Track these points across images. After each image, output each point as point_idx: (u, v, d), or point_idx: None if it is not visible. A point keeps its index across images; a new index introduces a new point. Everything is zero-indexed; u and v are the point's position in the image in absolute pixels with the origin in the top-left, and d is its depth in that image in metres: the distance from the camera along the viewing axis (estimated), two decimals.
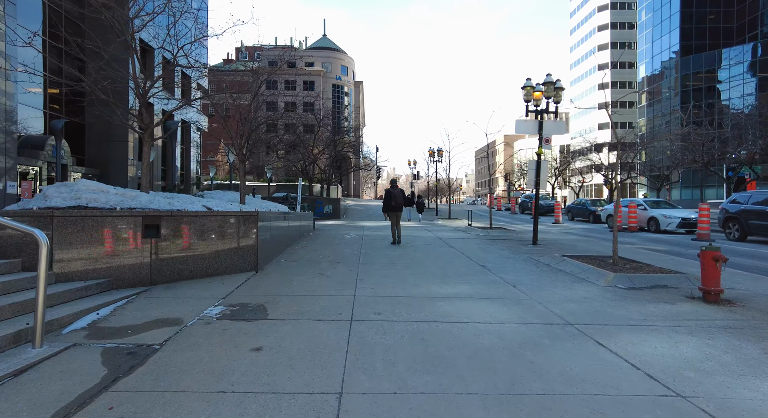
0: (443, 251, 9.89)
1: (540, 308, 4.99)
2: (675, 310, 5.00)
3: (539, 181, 11.59)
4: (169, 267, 5.75)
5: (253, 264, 6.64)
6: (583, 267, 7.45)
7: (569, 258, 8.30)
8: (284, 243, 9.22)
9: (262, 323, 4.19)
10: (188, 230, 6.01)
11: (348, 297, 5.26)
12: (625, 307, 5.10)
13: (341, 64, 67.13)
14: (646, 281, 6.57)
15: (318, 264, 7.56)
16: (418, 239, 12.17)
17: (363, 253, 9.13)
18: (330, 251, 9.19)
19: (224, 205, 7.57)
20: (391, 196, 11.11)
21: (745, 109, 33.45)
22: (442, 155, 27.42)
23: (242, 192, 9.88)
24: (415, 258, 8.58)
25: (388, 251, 9.53)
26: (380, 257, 8.66)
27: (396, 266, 7.55)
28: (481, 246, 10.90)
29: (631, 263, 7.95)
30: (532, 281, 6.56)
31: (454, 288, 5.92)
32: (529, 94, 11.82)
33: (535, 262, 8.49)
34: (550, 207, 27.74)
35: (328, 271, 6.95)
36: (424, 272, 7.10)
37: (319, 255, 8.61)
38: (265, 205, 10.96)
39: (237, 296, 5.20)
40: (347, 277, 6.52)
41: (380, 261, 8.08)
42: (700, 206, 13.57)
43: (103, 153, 22.09)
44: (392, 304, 4.98)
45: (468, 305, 5.02)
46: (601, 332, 4.12)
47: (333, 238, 11.91)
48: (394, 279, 6.43)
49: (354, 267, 7.33)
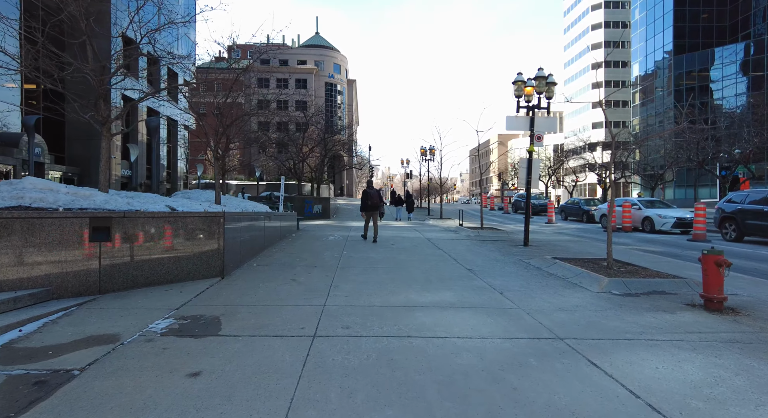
0: (429, 253, 9.41)
1: (528, 319, 4.52)
2: (675, 320, 4.55)
3: (530, 180, 11.15)
4: (122, 274, 5.21)
5: (219, 269, 6.12)
6: (576, 271, 7.01)
7: (561, 261, 7.86)
8: (260, 245, 8.70)
9: (211, 340, 3.67)
10: (145, 233, 5.47)
11: (316, 308, 4.75)
12: (621, 317, 4.65)
13: (334, 62, 66.49)
14: (643, 286, 6.13)
15: (292, 269, 7.04)
16: (404, 241, 11.69)
17: (344, 256, 8.63)
18: (309, 254, 8.67)
19: (192, 206, 7.04)
20: (367, 196, 11.63)
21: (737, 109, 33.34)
22: (434, 154, 26.97)
23: (217, 191, 9.34)
24: (399, 261, 8.09)
25: (371, 254, 9.04)
26: (362, 260, 8.16)
27: (377, 271, 7.05)
28: (469, 248, 10.44)
29: (627, 266, 7.51)
30: (521, 287, 6.09)
31: (435, 296, 5.44)
32: (520, 89, 11.37)
33: (525, 265, 8.03)
34: (543, 206, 27.37)
35: (301, 276, 6.44)
36: (405, 277, 6.61)
37: (296, 258, 8.09)
38: (243, 205, 10.43)
39: (192, 307, 4.68)
40: (321, 283, 6.01)
41: (361, 265, 7.58)
42: (696, 206, 13.20)
43: (85, 151, 21.36)
44: (364, 315, 4.49)
45: (448, 316, 4.53)
46: (595, 349, 3.65)
47: (316, 239, 11.39)
48: (372, 286, 5.94)
49: (331, 272, 6.82)
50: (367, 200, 11.59)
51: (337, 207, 30.47)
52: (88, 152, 21.49)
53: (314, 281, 6.16)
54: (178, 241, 5.79)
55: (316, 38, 69.64)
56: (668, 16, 48.10)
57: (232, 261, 6.60)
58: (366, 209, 11.65)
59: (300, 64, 64.22)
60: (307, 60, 64.55)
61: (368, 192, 11.65)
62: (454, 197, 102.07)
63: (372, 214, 11.61)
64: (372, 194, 11.60)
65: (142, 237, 5.45)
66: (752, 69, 40.61)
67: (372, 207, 11.57)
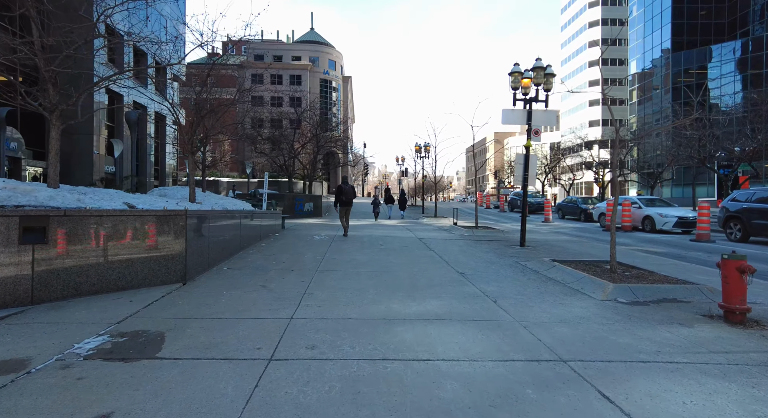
0: (420, 254, 8.79)
1: (525, 334, 3.91)
2: (694, 336, 3.95)
3: (527, 177, 10.54)
4: (62, 281, 4.55)
5: (180, 274, 5.47)
6: (577, 275, 6.41)
7: (561, 264, 7.26)
8: (236, 246, 8.04)
9: (143, 366, 3.03)
10: (93, 234, 4.81)
11: (282, 321, 4.12)
12: (632, 332, 4.04)
13: (329, 58, 65.66)
14: (652, 293, 5.54)
15: (266, 273, 6.40)
16: (395, 241, 11.06)
17: (327, 258, 7.99)
18: (288, 256, 8.02)
19: (156, 203, 6.38)
20: (342, 191, 12.16)
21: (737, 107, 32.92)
22: (429, 151, 26.33)
23: (191, 188, 8.68)
24: (385, 264, 7.46)
25: (357, 255, 8.40)
26: (345, 262, 7.52)
27: (359, 275, 6.42)
28: (463, 249, 9.83)
29: (631, 270, 6.93)
30: (517, 294, 5.48)
31: (421, 305, 4.82)
32: (517, 80, 10.76)
33: (522, 268, 7.43)
34: (540, 205, 26.84)
35: (273, 282, 5.80)
36: (390, 282, 5.99)
37: (273, 261, 7.44)
38: (222, 203, 9.77)
39: (137, 320, 4.04)
40: (294, 290, 5.38)
41: (343, 268, 6.95)
42: (699, 205, 12.65)
43: (66, 146, 20.48)
44: (336, 331, 3.86)
45: (434, 331, 3.91)
46: (606, 375, 3.04)
47: (300, 239, 10.74)
48: (351, 293, 5.31)
49: (308, 277, 6.19)
50: (341, 196, 12.07)
51: (330, 205, 29.79)
52: (71, 148, 20.69)
53: (287, 287, 5.52)
54: (132, 242, 5.13)
55: (311, 34, 68.77)
56: (666, 13, 47.63)
57: (197, 264, 5.96)
58: (341, 203, 12.09)
59: (294, 60, 63.37)
60: (302, 56, 63.70)
61: (342, 188, 12.17)
62: (450, 196, 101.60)
63: (346, 209, 12.11)
64: (346, 190, 12.09)
65: (89, 238, 4.79)
66: (750, 66, 40.21)
67: (346, 202, 12.08)
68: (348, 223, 12.10)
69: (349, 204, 12.13)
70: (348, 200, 12.07)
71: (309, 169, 28.60)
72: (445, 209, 30.44)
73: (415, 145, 27.42)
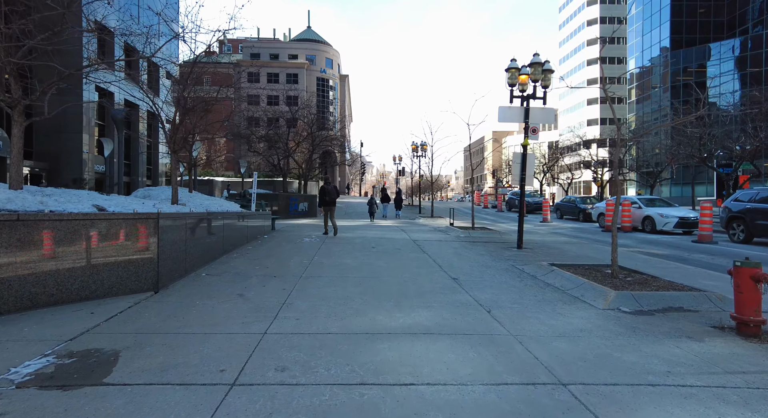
0: (413, 257, 8.42)
1: (520, 351, 3.55)
2: (707, 353, 3.59)
3: (525, 176, 10.19)
4: (14, 292, 4.17)
5: (152, 282, 5.09)
6: (577, 281, 6.05)
7: (559, 268, 6.90)
8: (219, 250, 7.66)
9: (85, 394, 2.66)
10: (52, 239, 4.43)
11: (254, 337, 3.75)
12: (638, 347, 3.69)
13: (326, 56, 65.19)
14: (657, 301, 5.18)
15: (246, 279, 6.02)
16: (388, 243, 10.69)
17: (314, 262, 7.62)
18: (273, 260, 7.64)
19: (129, 205, 6.00)
20: (324, 191, 12.47)
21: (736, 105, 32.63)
22: (426, 150, 25.95)
23: (174, 188, 8.29)
24: (375, 269, 7.09)
25: (346, 259, 8.03)
26: (333, 267, 7.15)
27: (346, 281, 6.05)
28: (458, 251, 9.47)
29: (633, 275, 6.58)
30: (513, 303, 5.12)
31: (409, 316, 4.45)
32: (514, 77, 10.39)
33: (519, 272, 7.07)
34: (538, 205, 26.50)
35: (252, 290, 5.43)
36: (378, 289, 5.62)
37: (256, 266, 7.06)
38: (207, 205, 9.39)
39: (92, 337, 3.66)
40: (273, 299, 5.00)
41: (329, 274, 6.57)
42: (702, 205, 12.32)
43: (54, 145, 20.14)
44: (312, 349, 3.49)
45: (420, 348, 3.55)
46: (610, 403, 2.68)
47: (289, 241, 10.35)
48: (334, 302, 4.94)
49: (291, 284, 5.81)
50: (324, 196, 12.35)
51: None
52: (59, 147, 20.29)
53: (266, 296, 5.15)
54: (98, 248, 4.75)
55: (308, 32, 68.30)
56: (665, 11, 47.30)
57: (173, 271, 5.58)
58: (324, 204, 12.33)
59: (291, 58, 62.90)
60: (299, 54, 63.21)
61: (325, 188, 12.49)
62: (449, 195, 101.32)
63: (329, 209, 12.30)
64: (329, 190, 12.40)
65: (48, 244, 4.41)
66: (750, 65, 39.93)
67: (329, 202, 12.30)
68: (335, 222, 12.30)
69: (332, 204, 12.34)
70: (331, 200, 12.30)
71: (304, 169, 28.19)
72: (443, 209, 30.08)
73: (412, 144, 27.07)
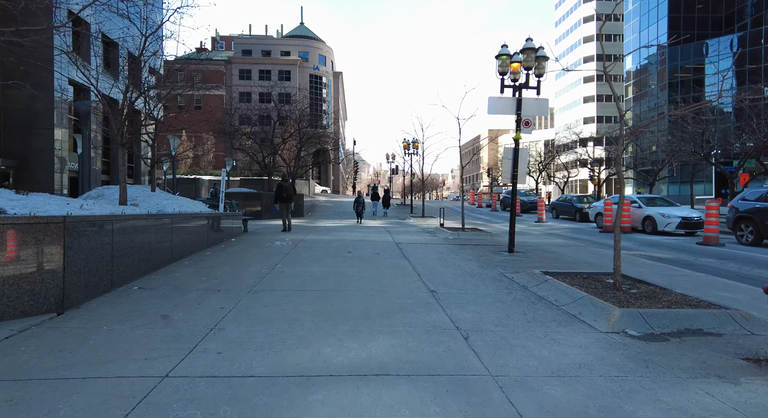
0: (390, 264, 7.52)
1: (500, 402, 2.65)
2: (749, 402, 2.70)
3: (517, 173, 9.30)
4: None
5: (55, 301, 4.16)
6: (574, 295, 5.16)
7: (554, 277, 6.01)
8: (165, 257, 6.73)
9: None
10: None
11: (148, 382, 2.83)
12: (655, 394, 2.80)
13: (319, 53, 64.16)
14: (670, 321, 4.30)
15: (184, 294, 5.09)
16: (368, 246, 9.77)
17: (275, 271, 6.69)
18: (227, 269, 6.70)
19: (41, 207, 5.05)
20: (282, 188, 13.06)
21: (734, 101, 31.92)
22: (417, 147, 25.06)
23: (122, 187, 7.35)
24: (343, 279, 6.18)
25: (312, 267, 7.11)
26: (293, 278, 6.22)
27: (302, 297, 5.13)
28: (443, 256, 8.58)
29: (638, 285, 5.71)
30: (498, 324, 4.23)
31: (364, 348, 3.54)
32: (505, 64, 9.49)
33: (508, 283, 6.18)
34: (533, 204, 25.66)
35: (183, 309, 4.50)
36: (337, 307, 4.71)
37: (204, 276, 6.12)
38: (164, 205, 8.44)
39: None
40: (202, 322, 4.08)
41: (286, 286, 5.65)
42: (708, 204, 11.48)
43: (23, 142, 19.08)
44: (217, 404, 2.57)
45: (367, 400, 2.64)
46: None
47: (256, 246, 9.40)
48: (277, 327, 4.02)
49: (234, 300, 4.88)
50: (281, 192, 12.90)
51: (314, 204, 28.48)
52: (27, 144, 19.23)
53: (196, 318, 4.22)
54: None
55: (301, 29, 67.21)
56: (663, 6, 46.54)
57: (91, 285, 4.65)
58: (281, 200, 12.93)
59: (283, 55, 61.85)
60: (291, 51, 62.17)
61: (282, 185, 13.07)
62: (444, 194, 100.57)
63: (287, 205, 13.00)
64: (286, 187, 13.08)
65: None
66: (749, 61, 39.23)
67: (286, 199, 12.96)
68: (290, 219, 13.07)
69: (289, 200, 13.05)
70: (288, 197, 12.98)
71: (292, 167, 27.21)
72: (435, 209, 29.18)
73: (403, 142, 26.15)
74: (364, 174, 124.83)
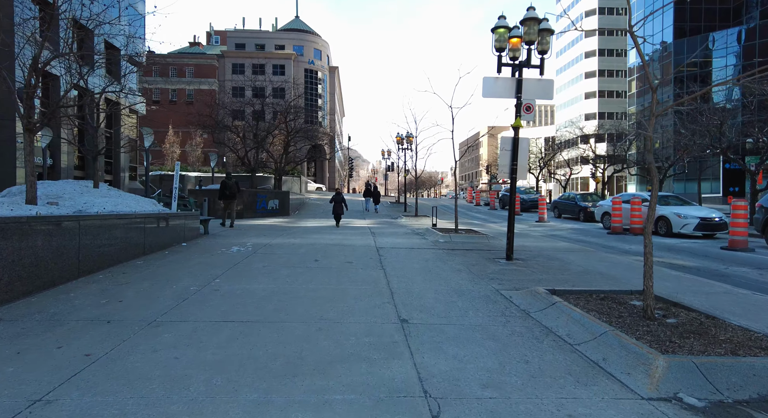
0: (360, 278, 6.12)
1: None
2: None
3: (517, 167, 7.89)
4: None
5: None
6: (593, 328, 3.77)
7: (562, 299, 4.61)
8: (67, 272, 5.31)
9: None
10: None
11: None
12: None
13: (315, 47, 62.51)
14: (742, 378, 2.91)
15: (52, 328, 3.67)
16: (341, 252, 8.36)
17: (206, 290, 5.28)
18: (145, 286, 5.28)
19: None
20: (225, 186, 13.36)
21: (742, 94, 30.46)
22: (411, 142, 23.63)
23: (30, 182, 5.94)
24: (288, 302, 4.77)
25: (259, 283, 5.71)
26: (224, 299, 4.82)
27: (217, 333, 3.71)
28: (428, 265, 7.18)
29: (675, 311, 4.32)
30: (487, 384, 2.84)
31: None
32: (503, 39, 8.06)
33: (504, 305, 4.79)
34: (534, 202, 24.26)
35: (23, 358, 3.09)
36: (258, 352, 3.30)
37: (104, 299, 4.68)
38: (95, 203, 7.01)
39: None
40: (29, 388, 2.68)
41: (203, 316, 4.22)
42: (734, 203, 10.08)
43: None
44: None
45: None
46: None
47: (205, 252, 7.93)
48: (139, 397, 2.62)
49: (117, 338, 3.48)
50: (225, 190, 13.25)
51: (304, 202, 27.07)
52: None
53: (30, 376, 2.82)
54: None
55: (296, 22, 65.58)
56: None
57: None
58: (224, 197, 13.31)
59: (278, 48, 60.22)
60: (286, 45, 60.53)
61: (226, 183, 13.35)
62: (442, 191, 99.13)
63: (229, 202, 13.33)
64: (230, 185, 13.32)
65: None
66: (758, 54, 37.70)
67: (229, 196, 13.30)
68: (233, 217, 13.35)
69: (232, 198, 13.38)
70: (231, 194, 13.32)
71: (281, 163, 25.78)
72: (429, 207, 27.77)
73: (396, 136, 24.69)
74: (363, 172, 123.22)
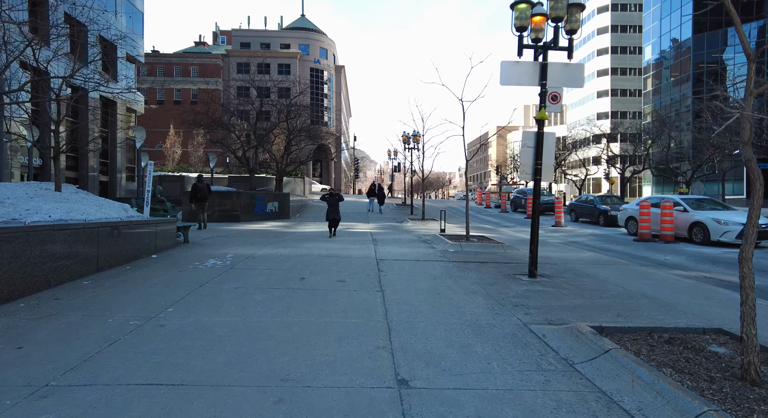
0: (351, 304, 4.93)
1: None
2: None
3: (541, 167, 6.65)
4: None
5: None
6: (681, 403, 2.53)
7: (617, 344, 3.37)
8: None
9: None
10: None
11: None
12: None
13: (320, 46, 61.58)
14: None
15: None
16: (333, 268, 7.16)
17: (149, 324, 4.13)
18: (72, 320, 4.14)
19: None
20: (196, 189, 13.22)
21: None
22: (419, 141, 22.40)
23: None
24: (250, 347, 3.61)
25: (218, 316, 4.55)
26: (166, 342, 3.66)
27: (129, 410, 2.56)
28: (437, 285, 5.97)
29: None
30: None
31: None
32: (524, 16, 6.80)
33: (539, 351, 3.57)
34: (550, 205, 22.88)
35: None
36: None
37: (8, 338, 3.58)
38: (39, 209, 5.92)
39: None
40: None
41: (120, 376, 3.07)
42: None
43: None
44: None
45: None
46: None
47: (171, 269, 6.76)
48: None
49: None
50: (196, 193, 13.18)
51: (305, 204, 25.95)
52: None
53: None
54: None
55: (302, 21, 64.70)
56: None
57: None
58: (195, 200, 13.20)
59: (283, 47, 59.41)
60: (291, 44, 59.70)
61: (197, 186, 13.27)
62: (451, 192, 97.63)
63: (200, 205, 13.17)
64: (201, 188, 13.27)
65: None
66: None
67: (200, 199, 13.21)
68: (205, 219, 13.15)
69: (203, 200, 13.27)
70: (202, 197, 13.23)
71: (282, 163, 24.71)
72: (438, 210, 26.50)
73: (403, 135, 23.49)
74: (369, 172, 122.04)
